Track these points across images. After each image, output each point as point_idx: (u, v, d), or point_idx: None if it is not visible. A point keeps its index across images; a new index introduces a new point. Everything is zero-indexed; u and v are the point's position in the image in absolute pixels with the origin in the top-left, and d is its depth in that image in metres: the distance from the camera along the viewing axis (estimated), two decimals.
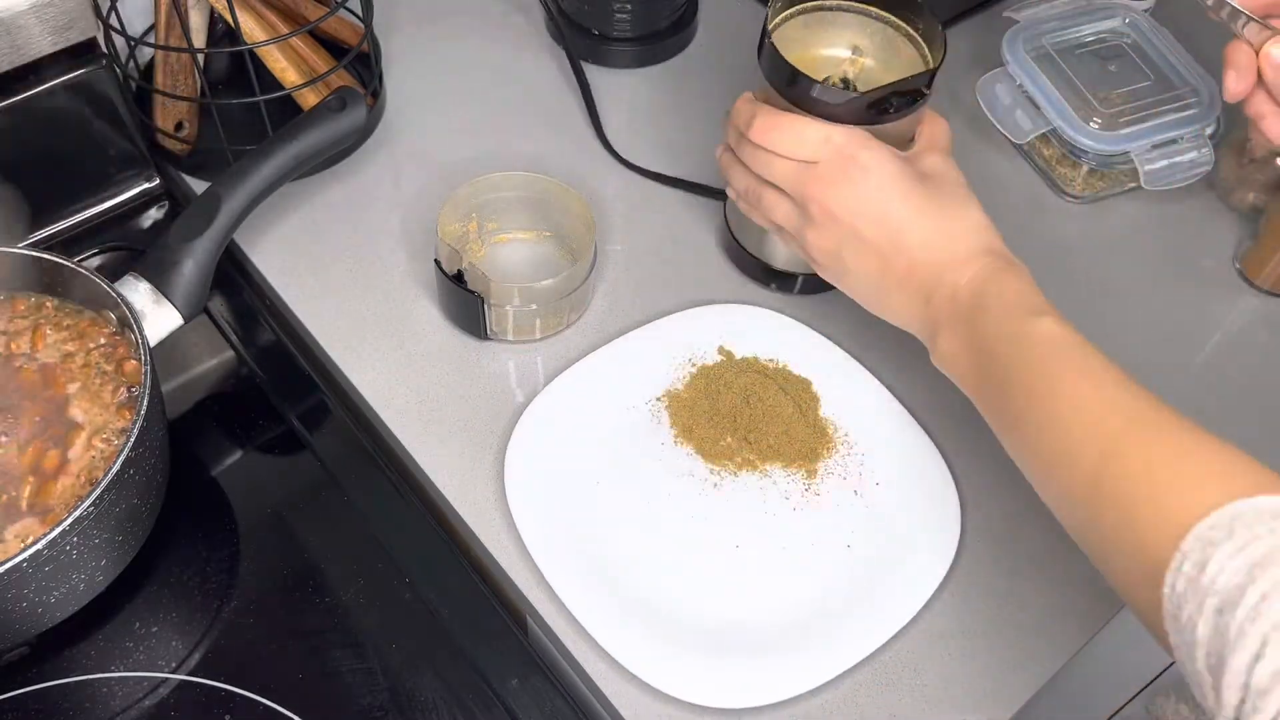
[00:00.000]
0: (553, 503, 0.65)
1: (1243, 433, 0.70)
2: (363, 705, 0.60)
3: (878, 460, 0.68)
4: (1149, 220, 0.83)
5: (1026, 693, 0.61)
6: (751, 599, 0.63)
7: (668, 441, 0.68)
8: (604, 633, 0.60)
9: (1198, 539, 0.44)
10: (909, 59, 0.66)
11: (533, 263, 0.77)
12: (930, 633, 0.63)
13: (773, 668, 0.60)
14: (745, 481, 0.67)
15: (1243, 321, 0.78)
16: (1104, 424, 0.51)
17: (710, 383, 0.70)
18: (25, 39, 0.69)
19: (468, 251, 0.75)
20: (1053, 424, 0.53)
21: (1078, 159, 0.80)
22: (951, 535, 0.65)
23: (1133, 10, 0.85)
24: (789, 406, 0.69)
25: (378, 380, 0.71)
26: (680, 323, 0.73)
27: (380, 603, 0.63)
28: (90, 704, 0.60)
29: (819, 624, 0.62)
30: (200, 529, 0.66)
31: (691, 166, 0.83)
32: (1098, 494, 0.50)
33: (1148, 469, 0.48)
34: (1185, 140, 0.79)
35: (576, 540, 0.64)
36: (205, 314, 0.74)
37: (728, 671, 0.60)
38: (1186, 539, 0.44)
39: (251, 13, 0.75)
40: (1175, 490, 0.46)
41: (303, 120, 0.69)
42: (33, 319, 0.64)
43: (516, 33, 0.92)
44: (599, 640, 0.60)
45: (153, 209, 0.81)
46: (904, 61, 0.66)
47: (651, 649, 0.60)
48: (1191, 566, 0.43)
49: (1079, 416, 0.52)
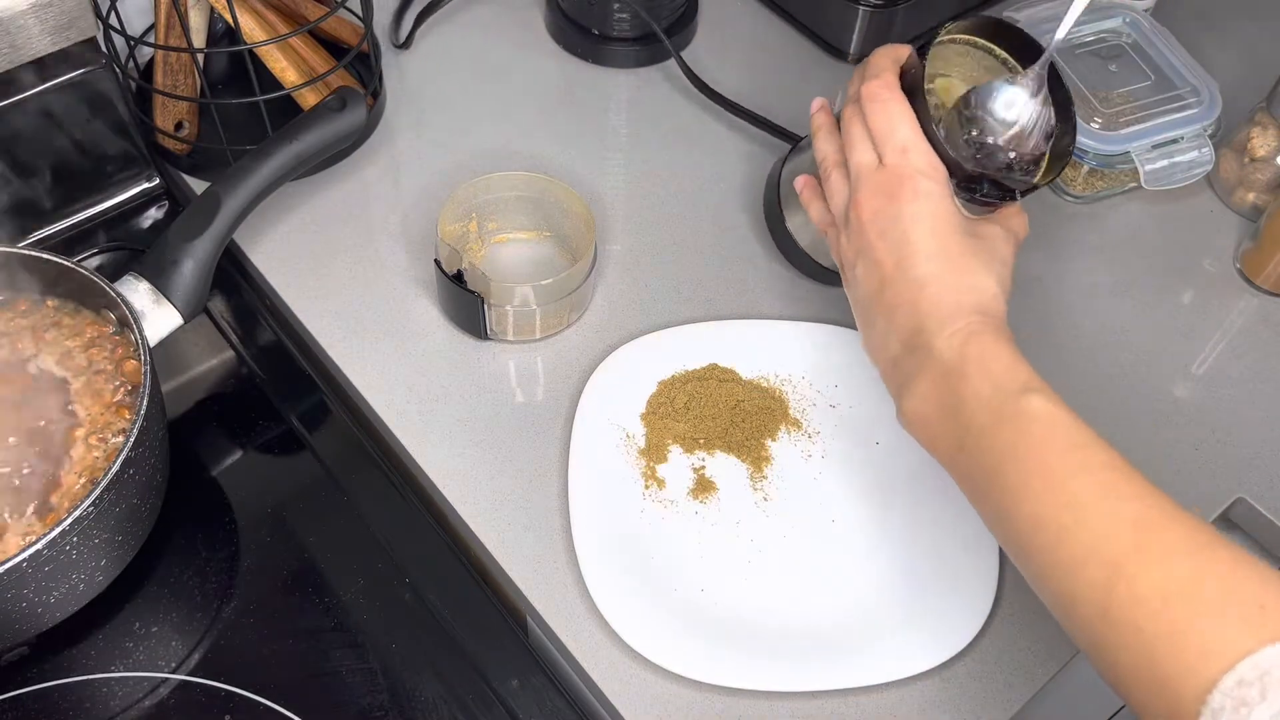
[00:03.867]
0: (604, 503, 0.65)
1: (1243, 433, 0.71)
2: (363, 705, 0.60)
3: (913, 473, 0.67)
4: (1149, 220, 0.83)
5: (1026, 693, 0.61)
6: (772, 598, 0.63)
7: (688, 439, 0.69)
8: (623, 621, 0.60)
9: (1227, 695, 0.40)
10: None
11: (533, 263, 0.77)
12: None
13: (775, 666, 0.60)
14: (753, 483, 0.67)
15: (1243, 321, 0.78)
16: (1111, 539, 0.46)
17: (719, 391, 0.70)
18: (25, 39, 0.69)
19: (468, 252, 0.75)
20: (1051, 529, 0.48)
21: (1078, 159, 0.80)
22: (991, 573, 0.63)
23: (1133, 10, 0.85)
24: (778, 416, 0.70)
25: (378, 380, 0.71)
26: (715, 330, 0.73)
27: (380, 603, 0.63)
28: (90, 704, 0.60)
29: (835, 632, 0.62)
30: (200, 529, 0.66)
31: (692, 165, 0.83)
32: (1106, 619, 0.45)
33: (1163, 599, 0.44)
34: (1185, 140, 0.79)
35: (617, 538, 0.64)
36: (205, 314, 0.74)
37: (734, 660, 0.60)
38: (1214, 694, 0.41)
39: (251, 13, 0.75)
40: (1194, 630, 0.43)
41: (303, 120, 0.69)
42: (33, 319, 0.64)
43: (516, 33, 0.92)
44: (615, 626, 0.60)
45: (153, 209, 0.81)
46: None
47: (671, 637, 0.60)
48: None
49: (1082, 529, 0.47)
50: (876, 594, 0.63)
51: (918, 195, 0.57)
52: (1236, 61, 0.91)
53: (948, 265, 0.57)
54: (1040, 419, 0.51)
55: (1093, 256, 0.80)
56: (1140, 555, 0.45)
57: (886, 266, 0.58)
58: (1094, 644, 0.47)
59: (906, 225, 0.57)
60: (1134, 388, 0.73)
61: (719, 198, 0.82)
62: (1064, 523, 0.48)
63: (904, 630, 0.62)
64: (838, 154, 0.63)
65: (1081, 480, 0.49)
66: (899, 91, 0.59)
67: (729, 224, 0.80)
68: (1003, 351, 0.54)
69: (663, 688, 0.60)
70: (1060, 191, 0.83)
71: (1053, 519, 0.48)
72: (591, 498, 0.65)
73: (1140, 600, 0.44)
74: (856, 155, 0.60)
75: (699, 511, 0.66)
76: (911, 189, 0.57)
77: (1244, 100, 0.82)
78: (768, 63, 0.92)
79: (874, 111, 0.59)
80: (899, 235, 0.57)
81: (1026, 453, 0.50)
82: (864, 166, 0.59)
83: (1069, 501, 0.48)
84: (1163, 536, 0.46)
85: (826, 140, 0.64)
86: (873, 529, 0.66)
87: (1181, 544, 0.46)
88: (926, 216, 0.57)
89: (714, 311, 0.75)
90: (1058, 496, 0.48)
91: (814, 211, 0.66)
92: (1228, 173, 0.82)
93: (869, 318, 0.60)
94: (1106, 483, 0.48)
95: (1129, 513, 0.47)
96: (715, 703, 0.59)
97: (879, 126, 0.59)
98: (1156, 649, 0.43)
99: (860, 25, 0.89)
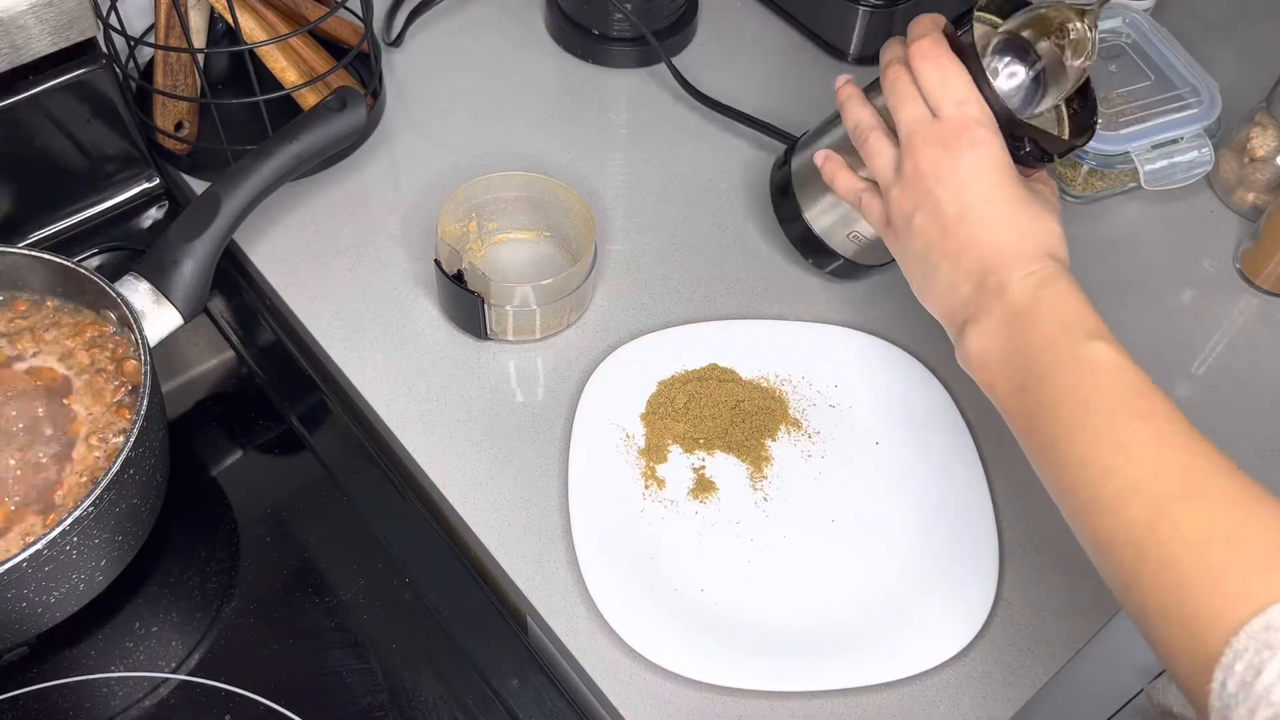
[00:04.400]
0: (604, 503, 0.65)
1: (1243, 434, 0.71)
2: (363, 705, 0.60)
3: (915, 473, 0.68)
4: (1149, 220, 0.83)
5: (1027, 693, 0.61)
6: (772, 597, 0.63)
7: (689, 438, 0.69)
8: (623, 621, 0.61)
9: (1252, 638, 0.41)
10: (1047, 127, 0.63)
11: (533, 263, 0.77)
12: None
13: (775, 666, 0.60)
14: (753, 483, 0.68)
15: (1243, 321, 0.78)
16: (1158, 481, 0.47)
17: (719, 392, 0.70)
18: (25, 39, 0.69)
19: (468, 252, 0.75)
20: (1098, 467, 0.49)
21: (1078, 159, 0.80)
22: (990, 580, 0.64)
23: (1133, 10, 0.85)
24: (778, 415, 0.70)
25: (378, 380, 0.71)
26: (716, 330, 0.73)
27: (380, 603, 0.63)
28: (90, 704, 0.60)
29: (837, 631, 0.62)
30: (200, 529, 0.66)
31: (692, 164, 0.83)
32: (1143, 557, 0.46)
33: (1204, 540, 0.45)
34: (1185, 140, 0.79)
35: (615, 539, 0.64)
36: (205, 314, 0.74)
37: (734, 660, 0.60)
38: (1240, 636, 0.41)
39: (251, 13, 0.75)
40: (1231, 572, 0.43)
41: (303, 120, 0.69)
42: (33, 319, 0.64)
43: (516, 33, 0.92)
44: (615, 626, 0.60)
45: (153, 209, 0.81)
46: (1043, 125, 0.63)
47: (671, 637, 0.60)
48: (1245, 668, 0.40)
49: (1130, 469, 0.48)
50: (876, 594, 0.63)
51: (976, 144, 0.58)
52: (1236, 61, 0.91)
53: (1013, 209, 0.58)
54: (1104, 364, 0.52)
55: (1093, 256, 0.80)
56: (1187, 498, 0.46)
57: (950, 214, 0.58)
58: (1126, 582, 0.47)
59: (967, 173, 0.58)
60: None
61: (719, 197, 0.82)
62: (1114, 462, 0.49)
63: (904, 630, 0.62)
64: (874, 118, 0.64)
65: (1137, 426, 0.49)
66: (949, 49, 0.60)
67: (729, 224, 0.80)
68: (1076, 297, 0.55)
69: (663, 688, 0.60)
70: (1060, 191, 0.83)
71: (1103, 458, 0.49)
72: (591, 498, 0.65)
73: (1181, 540, 0.45)
74: (908, 110, 0.61)
75: (699, 511, 0.66)
76: (970, 138, 0.58)
77: (1244, 100, 0.82)
78: (768, 62, 0.92)
79: (926, 68, 0.60)
80: (960, 183, 0.58)
81: (1088, 395, 0.51)
82: (918, 120, 0.60)
83: (1123, 443, 0.49)
84: (1212, 483, 0.47)
85: (861, 107, 0.65)
86: (872, 529, 0.66)
87: (1229, 493, 0.46)
88: (988, 161, 0.58)
89: (714, 311, 0.75)
90: (1112, 438, 0.49)
91: (842, 181, 0.67)
92: (1228, 173, 0.82)
93: (928, 265, 0.60)
94: (1162, 431, 0.49)
95: (1181, 461, 0.48)
96: (715, 703, 0.59)
97: (931, 81, 0.60)
98: (1189, 588, 0.44)
99: (860, 25, 0.89)
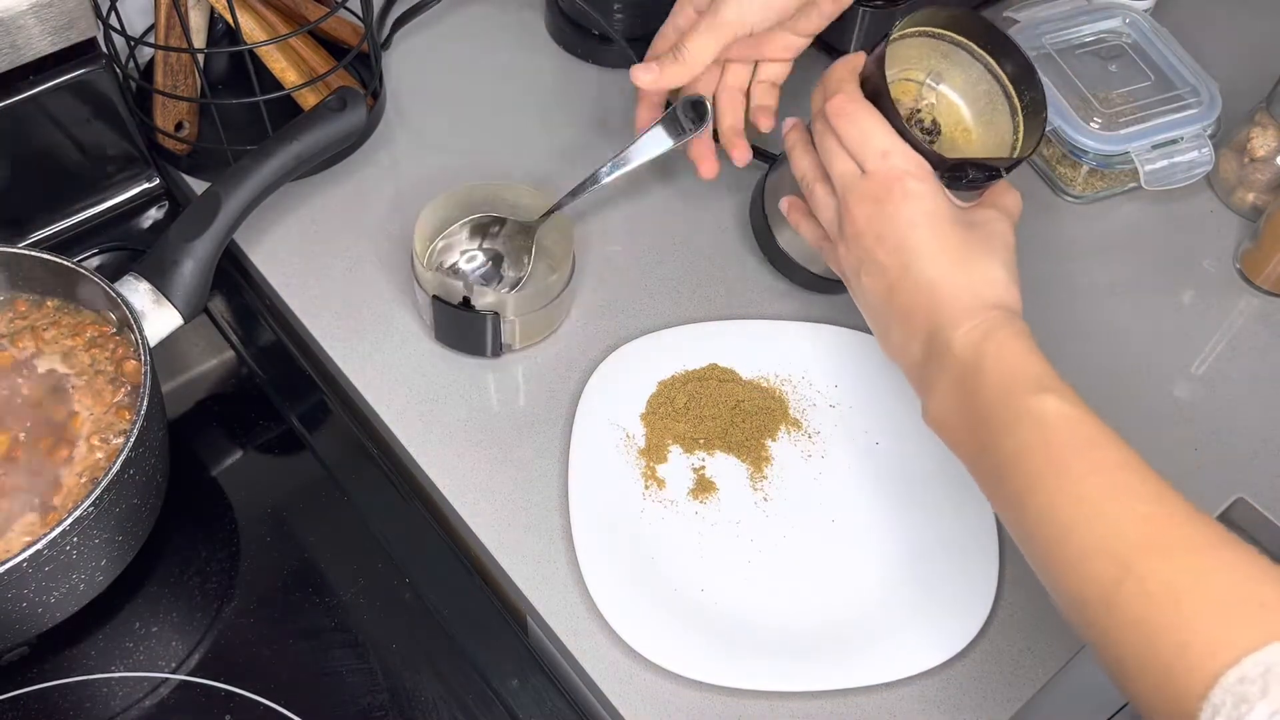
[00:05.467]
0: (604, 503, 0.65)
1: (1243, 433, 0.71)
2: (363, 705, 0.60)
3: (914, 472, 0.68)
4: (1149, 220, 0.83)
5: (1026, 693, 0.61)
6: (772, 597, 0.63)
7: (690, 439, 0.69)
8: (623, 621, 0.61)
9: (1228, 692, 0.41)
10: (1001, 131, 0.63)
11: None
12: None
13: (775, 666, 0.60)
14: (753, 483, 0.68)
15: (1243, 321, 0.78)
16: (1119, 536, 0.47)
17: (719, 392, 0.70)
18: (25, 39, 0.68)
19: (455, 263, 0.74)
20: (1058, 525, 0.48)
21: (1078, 159, 0.80)
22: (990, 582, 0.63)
23: (1133, 10, 0.85)
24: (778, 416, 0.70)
25: (378, 380, 0.71)
26: (712, 330, 0.73)
27: (380, 603, 0.63)
28: (90, 704, 0.60)
29: (837, 631, 0.62)
30: (200, 529, 0.66)
31: (692, 164, 0.83)
32: (1112, 614, 0.46)
33: (1170, 595, 0.44)
34: (1185, 140, 0.79)
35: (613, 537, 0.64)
36: (205, 314, 0.74)
37: (734, 660, 0.60)
38: (1215, 690, 0.41)
39: (251, 13, 0.75)
40: (1199, 625, 0.43)
41: (303, 120, 0.69)
42: (33, 319, 0.64)
43: (516, 33, 0.92)
44: (615, 626, 0.60)
45: (153, 209, 0.81)
46: (996, 132, 0.63)
47: (671, 637, 0.60)
48: None
49: (1091, 524, 0.47)
50: (876, 594, 0.63)
51: (908, 196, 0.57)
52: (1236, 61, 0.91)
53: (953, 261, 0.56)
54: (1054, 417, 0.51)
55: (1093, 256, 0.80)
56: (1148, 552, 0.46)
57: (892, 272, 0.57)
58: (1098, 638, 0.47)
59: (903, 228, 0.57)
60: (1134, 388, 0.73)
61: (719, 197, 0.82)
62: (1073, 518, 0.48)
63: (904, 630, 0.62)
64: (816, 168, 0.62)
65: (1094, 480, 0.49)
66: (863, 101, 0.59)
67: (729, 223, 0.80)
68: (1019, 347, 0.54)
69: (663, 688, 0.60)
70: (1060, 191, 0.83)
71: (1062, 514, 0.48)
72: (591, 498, 0.65)
73: (1147, 596, 0.45)
74: (838, 167, 0.60)
75: (699, 511, 0.66)
76: (901, 190, 0.57)
77: (1244, 100, 0.82)
78: None
79: (843, 126, 0.59)
80: (898, 239, 0.57)
81: (1040, 451, 0.50)
82: (847, 176, 0.59)
83: (1080, 498, 0.48)
84: (1171, 534, 0.46)
85: (804, 155, 0.64)
86: (872, 529, 0.66)
87: (1189, 541, 0.46)
88: (921, 215, 0.57)
89: (714, 311, 0.75)
90: (1069, 493, 0.49)
91: (805, 230, 0.66)
92: (1228, 173, 0.82)
93: (884, 324, 0.60)
94: (1119, 482, 0.48)
95: (1139, 511, 0.47)
96: (715, 703, 0.59)
97: (852, 139, 0.59)
98: (1161, 644, 0.44)
99: (860, 25, 0.89)
